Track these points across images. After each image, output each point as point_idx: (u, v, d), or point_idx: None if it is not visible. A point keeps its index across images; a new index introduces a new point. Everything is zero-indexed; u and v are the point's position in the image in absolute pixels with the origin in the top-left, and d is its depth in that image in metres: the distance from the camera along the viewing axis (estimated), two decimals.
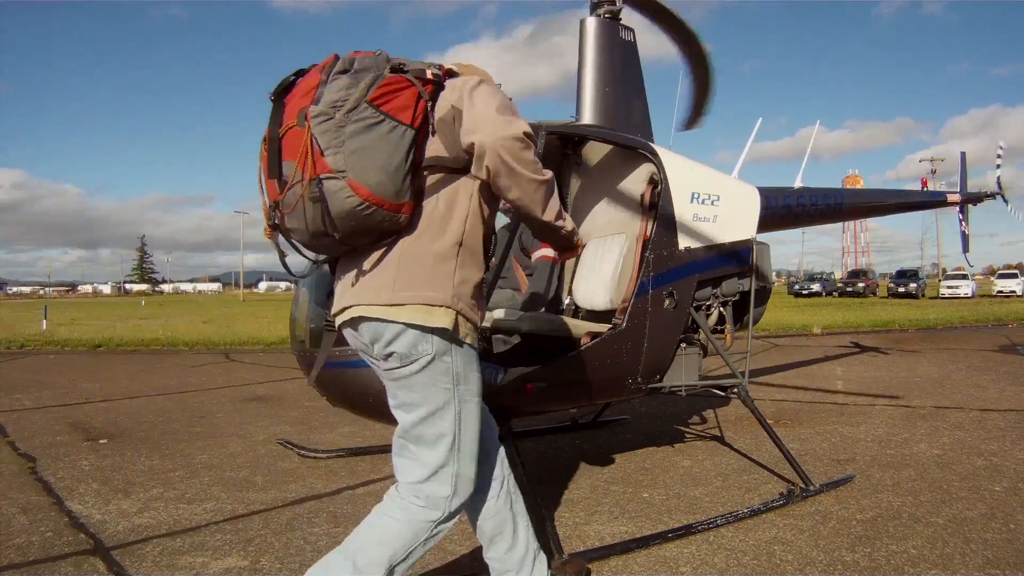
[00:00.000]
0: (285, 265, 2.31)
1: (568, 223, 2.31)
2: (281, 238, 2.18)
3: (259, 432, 5.67)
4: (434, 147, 2.09)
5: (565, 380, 3.69)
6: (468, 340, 2.17)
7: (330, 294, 2.51)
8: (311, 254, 2.25)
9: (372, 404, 3.47)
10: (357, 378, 3.46)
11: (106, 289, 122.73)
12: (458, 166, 2.13)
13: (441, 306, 2.07)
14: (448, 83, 2.12)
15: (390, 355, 2.12)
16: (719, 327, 4.62)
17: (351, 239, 2.06)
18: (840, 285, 45.73)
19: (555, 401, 3.86)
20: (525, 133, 2.04)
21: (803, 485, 3.92)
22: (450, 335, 2.10)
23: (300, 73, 2.11)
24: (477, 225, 2.18)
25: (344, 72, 1.99)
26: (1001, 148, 10.18)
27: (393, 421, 2.26)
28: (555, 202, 2.22)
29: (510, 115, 2.07)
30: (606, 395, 4.32)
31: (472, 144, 2.05)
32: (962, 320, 17.04)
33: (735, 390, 4.38)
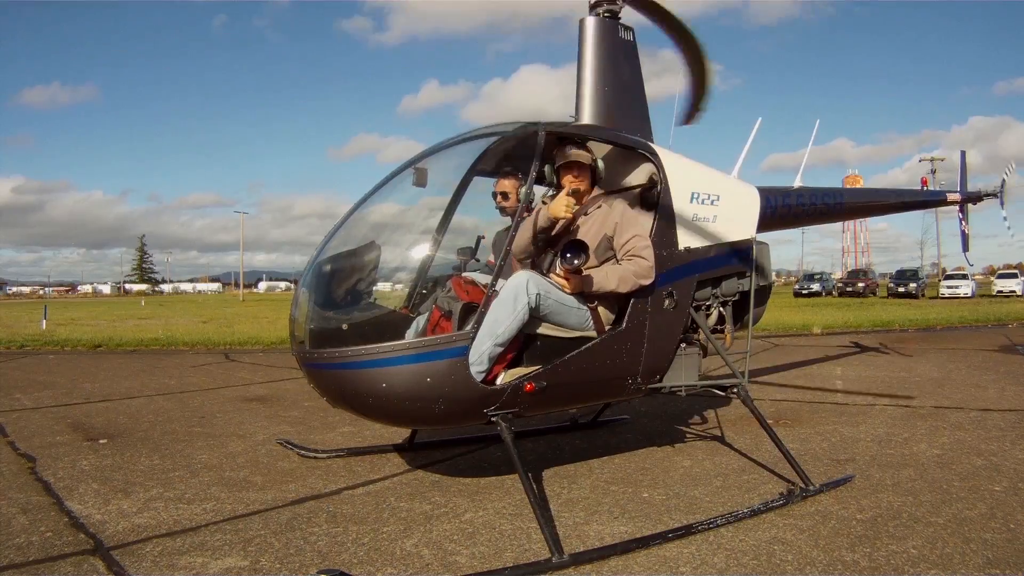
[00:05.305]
0: None
1: None
2: None
3: (259, 432, 5.67)
4: None
5: (565, 380, 3.68)
6: None
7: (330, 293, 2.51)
8: None
9: (372, 405, 3.48)
10: (356, 379, 3.46)
11: (106, 289, 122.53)
12: None
13: None
14: None
15: None
16: (719, 327, 4.61)
17: None
18: (840, 285, 45.67)
19: (555, 401, 3.85)
20: None
21: (803, 485, 3.92)
22: None
23: None
24: None
25: None
26: (1011, 167, 10.18)
27: (390, 422, 2.21)
28: None
29: None
30: (606, 395, 4.32)
31: None
32: (962, 320, 17.04)
33: (735, 390, 4.37)
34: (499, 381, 3.54)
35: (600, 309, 3.85)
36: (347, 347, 3.49)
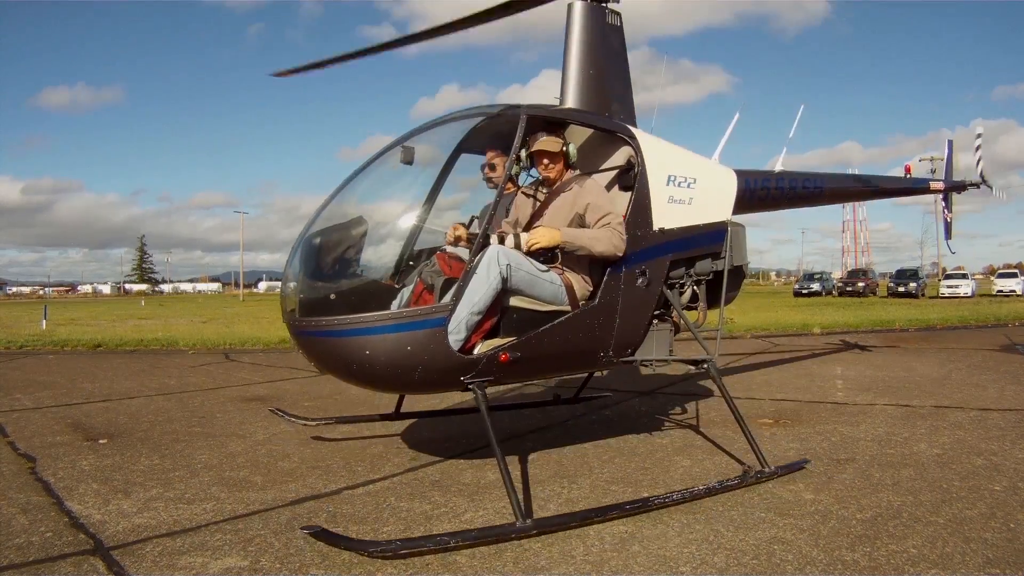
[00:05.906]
0: None
1: None
2: None
3: (259, 432, 5.67)
4: None
5: (539, 352, 3.83)
6: None
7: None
8: None
9: (355, 371, 3.67)
10: (342, 346, 3.60)
11: (106, 289, 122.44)
12: None
13: None
14: None
15: None
16: (693, 305, 4.78)
17: None
18: (840, 285, 45.66)
19: (529, 372, 4.05)
20: None
21: (759, 467, 4.09)
22: None
23: None
24: None
25: None
26: (979, 135, 10.13)
27: (373, 387, 2.29)
28: None
29: None
30: (579, 367, 4.54)
31: None
32: (962, 320, 17.02)
33: (704, 365, 4.49)
34: (476, 351, 3.70)
35: (575, 285, 4.02)
36: (333, 316, 3.63)
